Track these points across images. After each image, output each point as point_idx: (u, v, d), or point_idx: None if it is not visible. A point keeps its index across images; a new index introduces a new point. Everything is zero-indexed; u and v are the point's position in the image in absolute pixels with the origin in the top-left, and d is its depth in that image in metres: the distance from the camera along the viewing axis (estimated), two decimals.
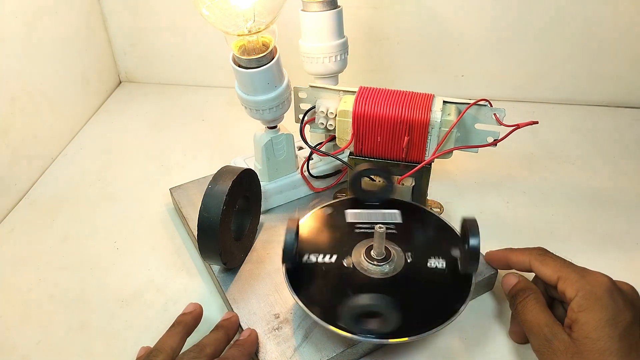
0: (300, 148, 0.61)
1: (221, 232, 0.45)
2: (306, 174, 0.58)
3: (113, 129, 0.79)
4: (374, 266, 0.45)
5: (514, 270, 0.47)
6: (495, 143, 0.49)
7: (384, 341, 0.41)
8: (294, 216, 0.45)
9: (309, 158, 0.57)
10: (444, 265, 0.45)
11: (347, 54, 0.57)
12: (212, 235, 0.45)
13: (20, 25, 0.65)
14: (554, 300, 0.44)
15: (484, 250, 0.54)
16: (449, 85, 0.82)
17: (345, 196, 0.56)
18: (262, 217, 0.56)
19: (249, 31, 0.47)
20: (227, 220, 0.47)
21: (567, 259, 0.43)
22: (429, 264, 0.45)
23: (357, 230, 0.48)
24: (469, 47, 0.78)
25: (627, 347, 0.36)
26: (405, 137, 0.49)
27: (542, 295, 0.43)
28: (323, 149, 0.54)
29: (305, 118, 0.53)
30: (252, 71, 0.48)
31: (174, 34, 0.84)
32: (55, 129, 0.73)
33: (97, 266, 0.55)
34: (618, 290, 0.38)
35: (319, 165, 0.60)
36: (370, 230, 0.48)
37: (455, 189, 0.63)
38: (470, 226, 0.43)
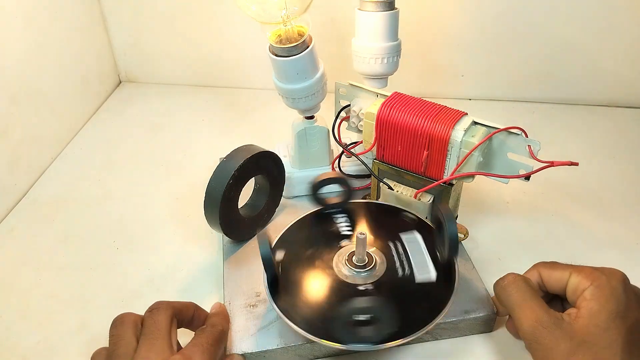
0: (347, 145, 0.60)
1: (225, 204, 0.48)
2: (337, 170, 0.58)
3: (113, 129, 0.79)
4: (353, 272, 0.45)
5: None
6: (527, 176, 0.45)
7: (335, 345, 0.40)
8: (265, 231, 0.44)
9: (341, 155, 0.57)
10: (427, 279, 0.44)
11: (398, 58, 0.55)
12: (214, 204, 0.48)
13: (20, 25, 0.65)
14: (551, 301, 0.43)
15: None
16: (449, 85, 0.82)
17: (369, 199, 0.56)
18: (288, 202, 0.59)
19: (283, 20, 0.48)
20: (233, 195, 0.49)
21: (567, 259, 0.43)
22: (406, 274, 0.44)
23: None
24: (469, 47, 0.78)
25: (632, 342, 0.35)
26: (425, 151, 0.47)
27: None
28: (357, 148, 0.54)
29: (341, 115, 0.53)
30: (282, 59, 0.49)
31: (174, 34, 0.84)
32: (55, 129, 0.73)
33: (97, 266, 0.55)
34: (630, 287, 0.38)
35: (352, 164, 0.59)
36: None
37: None
38: (444, 211, 0.42)
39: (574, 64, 0.77)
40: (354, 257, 0.45)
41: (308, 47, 0.49)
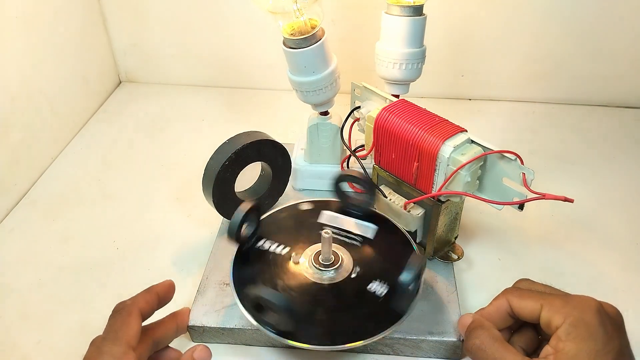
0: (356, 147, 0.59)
1: (220, 182, 0.50)
2: (346, 169, 0.58)
3: (113, 129, 0.79)
4: (314, 269, 0.45)
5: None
6: (521, 204, 0.43)
7: (283, 340, 0.40)
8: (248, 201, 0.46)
9: (350, 156, 0.57)
10: (383, 294, 0.43)
11: (420, 65, 0.54)
12: (209, 181, 0.50)
13: (20, 25, 0.65)
14: (522, 327, 0.41)
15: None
16: (449, 85, 0.82)
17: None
18: (296, 194, 0.60)
19: (295, 13, 0.49)
20: (229, 175, 0.51)
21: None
22: (368, 287, 0.44)
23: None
24: (469, 47, 0.78)
25: None
26: (415, 163, 0.46)
27: (501, 330, 0.39)
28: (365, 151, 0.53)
29: (352, 115, 0.54)
30: (291, 51, 0.50)
31: (174, 34, 0.84)
32: (55, 129, 0.73)
33: (97, 266, 0.55)
34: (606, 315, 0.35)
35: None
36: (338, 236, 0.48)
37: None
38: (411, 261, 0.40)
39: (574, 64, 0.77)
40: (320, 256, 0.46)
41: (318, 40, 0.49)
